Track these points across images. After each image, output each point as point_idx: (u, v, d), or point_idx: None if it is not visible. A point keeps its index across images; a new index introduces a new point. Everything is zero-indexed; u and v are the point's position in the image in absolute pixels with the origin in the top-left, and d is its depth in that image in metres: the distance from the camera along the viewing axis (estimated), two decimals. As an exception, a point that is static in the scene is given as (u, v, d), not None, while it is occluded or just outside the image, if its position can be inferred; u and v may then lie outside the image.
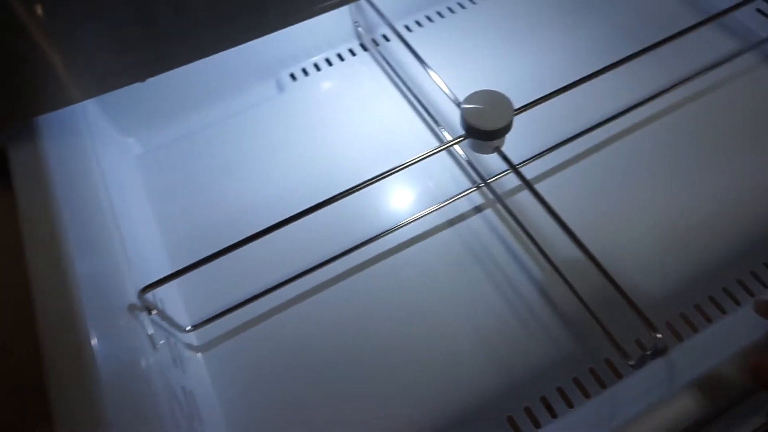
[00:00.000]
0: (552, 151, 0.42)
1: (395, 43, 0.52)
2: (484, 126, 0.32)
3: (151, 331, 0.31)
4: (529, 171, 0.42)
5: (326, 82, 0.51)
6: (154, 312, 0.32)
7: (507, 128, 0.33)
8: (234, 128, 0.48)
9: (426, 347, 0.36)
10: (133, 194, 0.43)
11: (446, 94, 0.39)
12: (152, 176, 0.46)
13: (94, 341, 0.27)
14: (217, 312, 0.37)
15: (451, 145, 0.35)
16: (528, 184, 0.33)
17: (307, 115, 0.48)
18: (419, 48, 0.43)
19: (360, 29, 0.52)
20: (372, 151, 0.45)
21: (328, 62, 0.52)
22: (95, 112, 0.45)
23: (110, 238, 0.34)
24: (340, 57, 0.52)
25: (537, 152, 0.42)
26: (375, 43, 0.52)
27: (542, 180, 0.42)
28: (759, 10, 0.49)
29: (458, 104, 0.36)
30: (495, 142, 0.34)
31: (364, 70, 0.51)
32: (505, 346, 0.35)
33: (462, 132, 0.34)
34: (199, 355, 0.36)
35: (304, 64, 0.52)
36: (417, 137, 0.46)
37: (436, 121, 0.46)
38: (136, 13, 0.34)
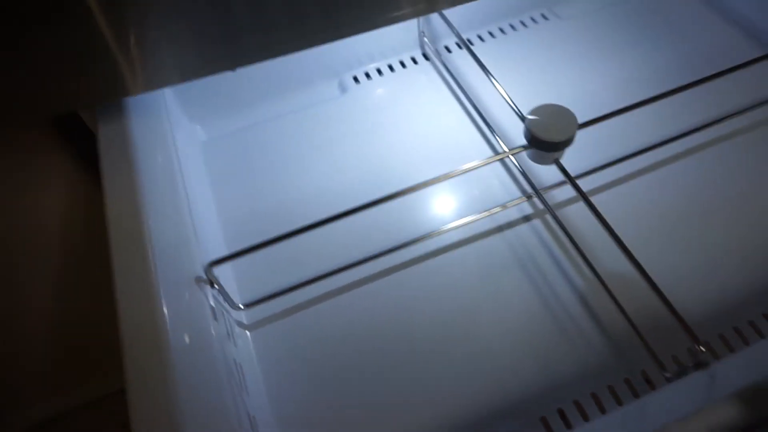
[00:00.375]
0: (609, 167, 0.43)
1: (457, 55, 0.54)
2: (548, 137, 0.33)
3: (213, 304, 0.33)
4: (583, 184, 0.42)
5: (387, 87, 0.52)
6: (216, 287, 0.34)
7: (569, 141, 0.34)
8: (294, 124, 0.51)
9: (466, 344, 0.37)
10: (197, 178, 0.46)
11: (510, 105, 0.40)
12: (214, 163, 0.49)
13: (165, 308, 0.29)
14: (267, 294, 0.39)
15: (513, 154, 0.36)
16: (583, 196, 0.34)
17: (366, 117, 0.50)
18: (483, 59, 0.45)
19: (425, 39, 0.54)
20: (426, 156, 0.47)
21: (391, 68, 0.54)
22: (171, 99, 0.48)
23: (183, 214, 0.37)
24: (403, 64, 0.54)
25: (592, 167, 0.43)
26: (438, 53, 0.54)
27: (594, 194, 0.43)
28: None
29: (521, 117, 0.38)
30: (556, 154, 0.35)
31: (425, 78, 0.53)
32: (544, 348, 0.36)
33: (522, 143, 0.35)
34: (247, 332, 0.38)
35: (367, 68, 0.54)
36: (472, 145, 0.47)
37: (492, 131, 0.47)
38: (216, 12, 0.36)
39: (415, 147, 0.48)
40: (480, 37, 0.55)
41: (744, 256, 0.39)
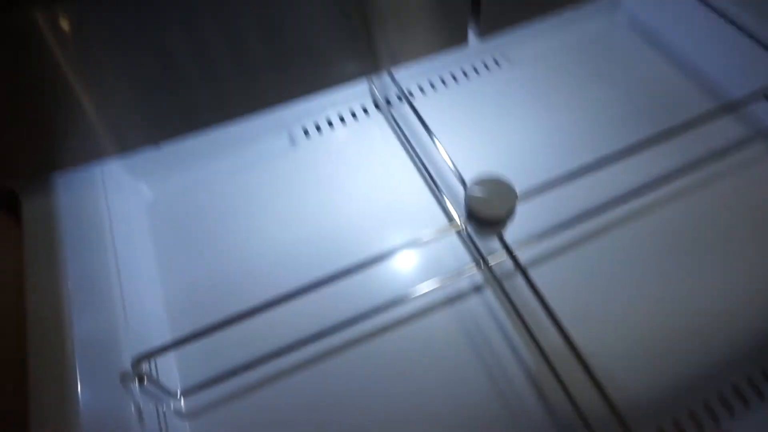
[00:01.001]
0: (550, 236, 0.42)
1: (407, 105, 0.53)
2: (486, 214, 0.32)
3: (140, 401, 0.31)
4: (530, 252, 0.42)
5: (337, 139, 0.51)
6: (145, 382, 0.32)
7: (509, 215, 0.33)
8: (244, 180, 0.49)
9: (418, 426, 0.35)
10: (139, 244, 0.44)
11: (452, 171, 0.39)
12: (161, 225, 0.47)
13: (81, 410, 0.27)
14: (210, 378, 0.37)
15: (455, 231, 0.35)
16: (524, 273, 0.33)
17: (317, 171, 0.49)
18: (432, 111, 0.44)
19: (374, 89, 0.53)
20: (378, 215, 0.46)
21: (341, 119, 0.52)
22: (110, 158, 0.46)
23: (112, 298, 0.35)
24: (354, 114, 0.53)
25: (538, 231, 0.42)
26: (388, 102, 0.53)
27: (540, 263, 0.42)
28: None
29: (463, 185, 0.37)
30: (498, 228, 0.34)
31: (376, 129, 0.52)
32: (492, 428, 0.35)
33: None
34: (188, 424, 0.36)
35: (317, 118, 0.52)
36: (424, 205, 0.46)
37: (440, 192, 0.46)
38: (165, 80, 0.35)
39: (368, 204, 0.46)
40: (432, 85, 0.54)
41: (684, 339, 0.38)
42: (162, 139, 0.37)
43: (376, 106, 0.53)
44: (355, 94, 0.53)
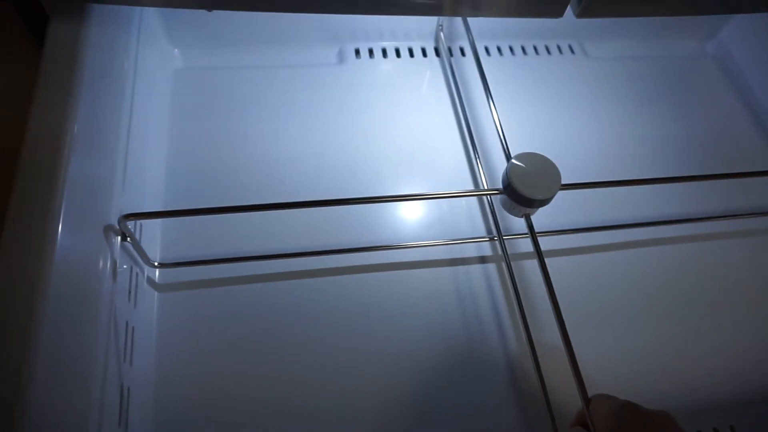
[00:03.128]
0: (576, 233, 0.41)
1: (469, 60, 0.50)
2: (526, 192, 0.31)
3: (117, 258, 0.30)
4: (545, 242, 0.40)
5: (386, 71, 0.48)
6: (128, 240, 0.31)
7: (547, 201, 0.32)
8: (280, 80, 0.47)
9: (376, 367, 0.35)
10: (156, 109, 0.42)
11: (500, 140, 0.37)
12: (182, 95, 0.45)
13: (58, 249, 0.26)
14: (191, 259, 0.36)
15: (485, 195, 0.33)
16: (540, 259, 0.31)
17: (357, 96, 0.46)
18: (495, 74, 0.41)
19: (441, 33, 0.49)
20: (403, 160, 0.44)
21: (397, 52, 0.49)
22: (152, 15, 0.43)
23: (116, 152, 0.33)
24: (411, 52, 0.50)
25: (560, 228, 0.40)
26: (450, 52, 0.50)
27: (553, 256, 0.41)
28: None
29: (507, 157, 0.35)
30: (528, 210, 0.33)
31: (429, 74, 0.49)
32: (448, 404, 0.34)
33: (500, 183, 0.33)
34: (156, 293, 0.35)
35: (372, 45, 0.49)
36: (453, 162, 0.44)
37: (477, 156, 0.44)
38: None
39: (396, 147, 0.44)
40: (499, 50, 0.51)
41: (684, 367, 0.38)
42: (215, 5, 0.34)
43: (436, 51, 0.50)
44: (419, 32, 0.50)
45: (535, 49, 0.51)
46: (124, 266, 0.33)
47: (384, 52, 0.49)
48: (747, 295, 0.41)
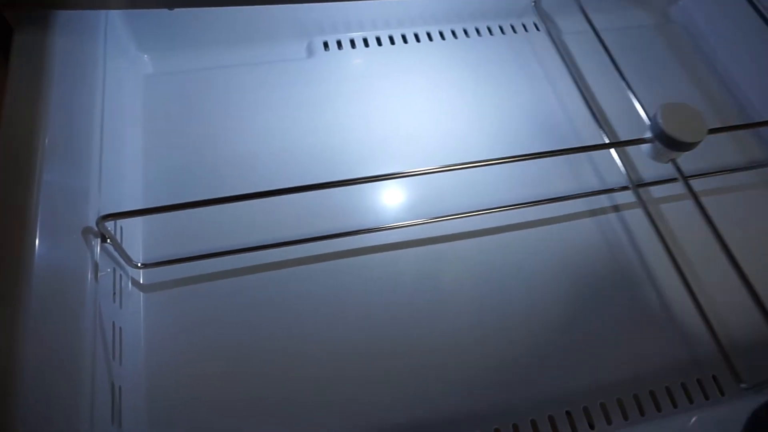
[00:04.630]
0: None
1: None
2: (679, 136, 0.33)
3: (98, 260, 0.31)
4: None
5: (357, 60, 0.49)
6: (108, 241, 0.32)
7: (695, 144, 0.34)
8: (249, 77, 0.47)
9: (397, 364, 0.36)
10: (129, 113, 0.42)
11: (636, 103, 0.40)
12: (154, 100, 0.45)
13: (36, 256, 0.27)
14: (173, 258, 0.36)
15: (637, 144, 0.36)
16: (695, 197, 0.34)
17: (328, 88, 0.47)
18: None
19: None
20: (384, 149, 0.44)
21: (365, 42, 0.50)
22: (119, 21, 0.44)
23: (90, 154, 0.33)
24: (378, 41, 0.50)
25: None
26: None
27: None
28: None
29: (648, 116, 0.38)
30: (675, 154, 0.35)
31: (393, 60, 0.49)
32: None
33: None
34: (141, 294, 0.36)
35: (341, 37, 0.50)
36: (426, 147, 0.45)
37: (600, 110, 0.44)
38: None
39: (367, 133, 0.45)
40: (478, 31, 0.52)
41: None
42: (176, 3, 0.35)
43: (409, 37, 0.51)
44: (385, 19, 0.51)
45: (501, 29, 0.52)
46: (108, 269, 0.33)
47: (352, 43, 0.50)
48: None
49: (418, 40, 0.50)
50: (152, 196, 0.40)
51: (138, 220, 0.38)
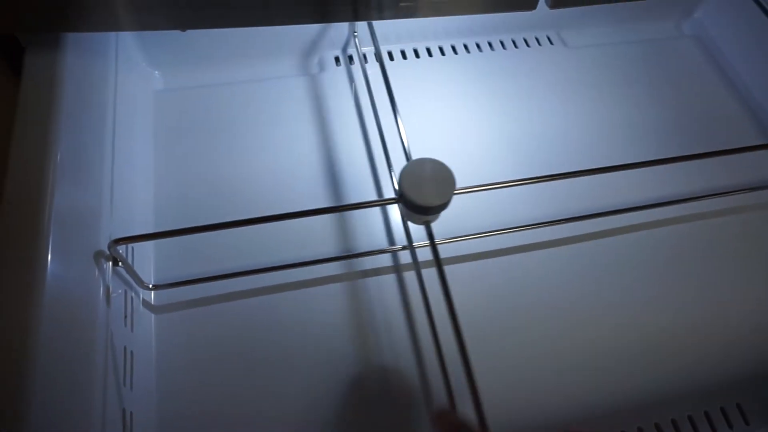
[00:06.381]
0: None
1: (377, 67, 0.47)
2: (419, 199, 0.29)
3: (110, 283, 0.30)
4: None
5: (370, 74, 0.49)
6: (120, 265, 0.31)
7: (441, 207, 0.30)
8: (262, 92, 0.47)
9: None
10: (140, 131, 0.42)
11: (402, 144, 0.35)
12: (165, 116, 0.45)
13: (49, 277, 0.26)
14: (185, 279, 0.36)
15: (382, 204, 0.32)
16: (438, 264, 0.30)
17: (340, 105, 0.47)
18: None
19: (356, 40, 0.48)
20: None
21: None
22: (128, 34, 0.43)
23: (101, 177, 0.33)
24: (337, 61, 0.49)
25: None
26: (365, 58, 0.48)
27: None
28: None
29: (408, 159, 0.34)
30: (426, 218, 0.31)
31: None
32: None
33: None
34: (153, 316, 0.35)
35: (351, 51, 0.49)
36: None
37: (389, 163, 0.41)
38: None
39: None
40: (478, 46, 0.51)
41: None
42: (187, 25, 0.35)
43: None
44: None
45: (514, 42, 0.52)
46: (119, 291, 0.33)
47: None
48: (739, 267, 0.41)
49: (430, 54, 0.50)
50: (164, 214, 0.40)
51: (149, 242, 0.38)
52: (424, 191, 0.29)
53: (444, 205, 0.30)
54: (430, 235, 0.31)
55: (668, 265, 0.41)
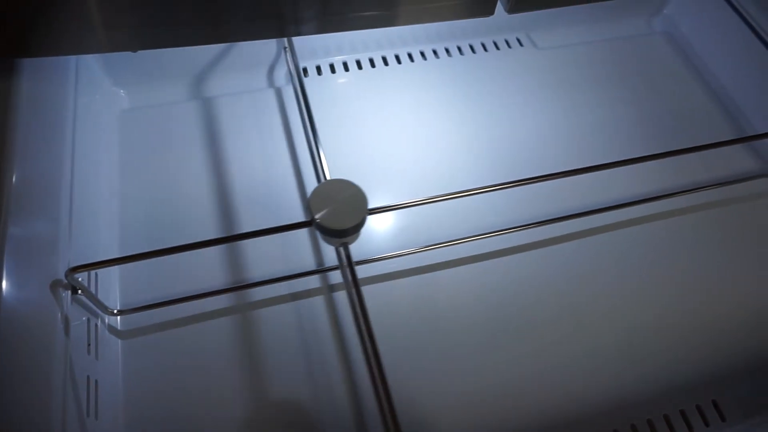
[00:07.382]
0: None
1: (315, 81, 0.48)
2: (329, 223, 0.28)
3: (68, 313, 0.30)
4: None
5: (340, 83, 0.48)
6: (80, 292, 0.31)
7: (353, 229, 0.29)
8: (232, 107, 0.46)
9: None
10: (105, 152, 0.42)
11: (315, 166, 0.35)
12: (132, 135, 0.44)
13: (1, 311, 0.26)
14: (153, 302, 0.35)
15: (294, 229, 0.30)
16: (355, 285, 0.29)
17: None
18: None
19: (287, 55, 0.47)
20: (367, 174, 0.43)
21: (344, 66, 0.49)
22: (91, 57, 0.43)
23: (59, 202, 0.32)
24: (359, 64, 0.49)
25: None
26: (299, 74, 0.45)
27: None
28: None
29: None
30: (339, 240, 0.30)
31: (379, 83, 0.48)
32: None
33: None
34: (120, 341, 0.35)
35: (320, 62, 0.49)
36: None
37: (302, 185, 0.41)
38: None
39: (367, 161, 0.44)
40: (447, 51, 0.51)
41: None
42: (139, 46, 0.34)
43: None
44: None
45: (483, 46, 0.51)
46: (82, 319, 0.32)
47: (332, 68, 0.49)
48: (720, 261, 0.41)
49: (399, 61, 0.50)
50: (131, 236, 0.39)
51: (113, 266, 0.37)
52: (335, 214, 0.28)
53: (357, 227, 0.29)
54: (340, 257, 0.30)
55: (642, 264, 0.41)
